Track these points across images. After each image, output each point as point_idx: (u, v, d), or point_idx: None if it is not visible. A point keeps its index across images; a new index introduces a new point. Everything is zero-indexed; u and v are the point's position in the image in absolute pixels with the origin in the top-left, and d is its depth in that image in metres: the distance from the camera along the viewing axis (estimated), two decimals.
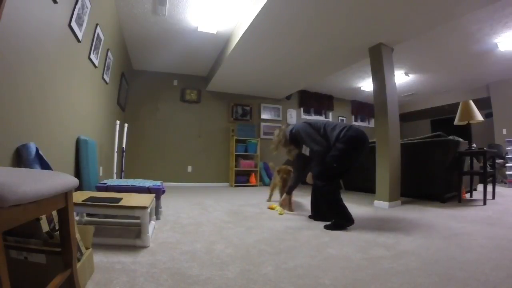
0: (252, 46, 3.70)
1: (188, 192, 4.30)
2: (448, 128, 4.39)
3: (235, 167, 5.68)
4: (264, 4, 2.66)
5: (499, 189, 4.24)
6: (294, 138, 2.40)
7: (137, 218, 1.58)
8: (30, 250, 0.93)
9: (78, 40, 2.24)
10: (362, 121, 7.99)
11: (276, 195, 3.25)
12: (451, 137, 3.31)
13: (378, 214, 2.61)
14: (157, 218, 2.20)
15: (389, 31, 3.09)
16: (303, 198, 3.36)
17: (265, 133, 6.38)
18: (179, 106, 5.73)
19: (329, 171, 2.12)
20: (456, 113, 3.50)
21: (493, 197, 3.34)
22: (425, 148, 3.39)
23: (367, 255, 1.44)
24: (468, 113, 3.35)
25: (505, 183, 5.04)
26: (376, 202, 3.09)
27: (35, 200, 0.63)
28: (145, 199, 1.70)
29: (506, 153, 4.97)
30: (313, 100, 6.97)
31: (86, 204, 1.51)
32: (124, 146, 4.18)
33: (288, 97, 6.65)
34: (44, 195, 0.67)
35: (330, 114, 7.30)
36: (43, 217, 0.99)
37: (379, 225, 2.17)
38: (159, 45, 4.43)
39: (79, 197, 1.61)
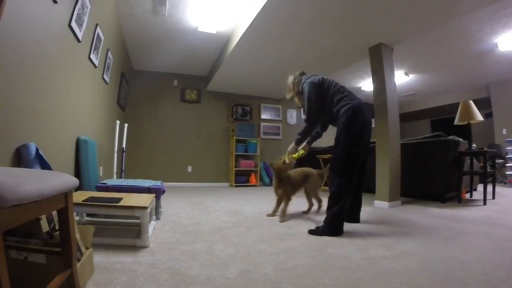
0: (252, 46, 3.70)
1: (188, 192, 4.30)
2: (448, 128, 4.39)
3: (235, 167, 5.68)
4: (264, 4, 2.66)
5: (499, 189, 4.24)
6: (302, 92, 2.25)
7: (137, 218, 1.58)
8: (30, 250, 0.93)
9: (78, 40, 2.24)
10: None
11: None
12: (451, 137, 3.31)
13: (378, 214, 2.61)
14: (157, 218, 2.19)
15: (389, 31, 3.09)
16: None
17: (265, 133, 6.39)
18: (179, 106, 5.73)
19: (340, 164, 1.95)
20: (456, 113, 3.50)
21: (493, 197, 3.34)
22: (425, 148, 3.39)
23: (367, 255, 1.44)
24: (468, 113, 3.35)
25: (505, 183, 5.04)
26: (376, 202, 3.09)
27: (35, 200, 0.63)
28: (145, 199, 1.70)
29: (506, 153, 4.97)
30: None
31: (86, 204, 1.51)
32: (124, 146, 4.18)
33: None
34: (44, 195, 0.67)
35: None
36: (43, 217, 0.99)
37: (379, 225, 2.17)
38: (159, 45, 4.43)
39: (79, 197, 1.61)
